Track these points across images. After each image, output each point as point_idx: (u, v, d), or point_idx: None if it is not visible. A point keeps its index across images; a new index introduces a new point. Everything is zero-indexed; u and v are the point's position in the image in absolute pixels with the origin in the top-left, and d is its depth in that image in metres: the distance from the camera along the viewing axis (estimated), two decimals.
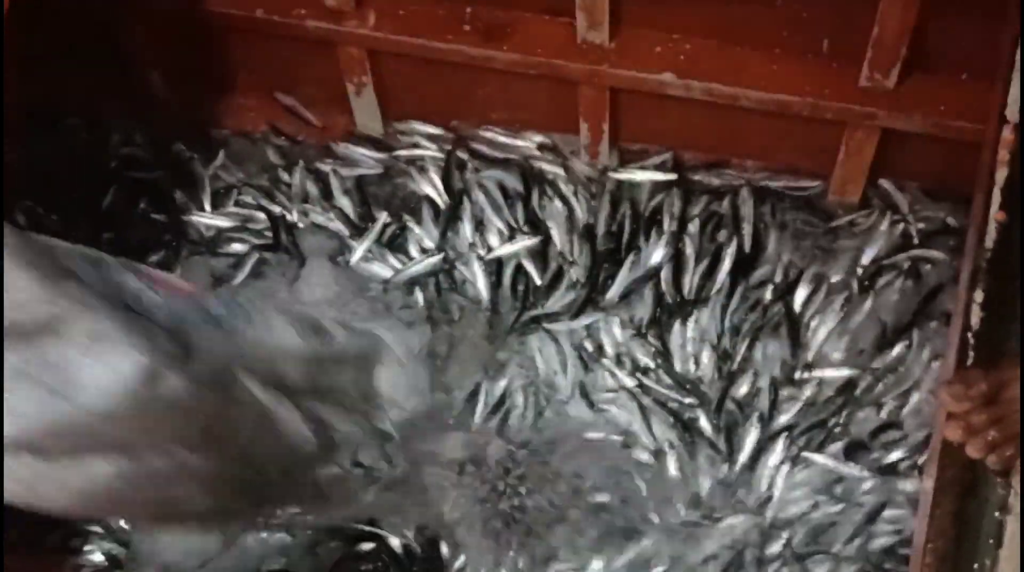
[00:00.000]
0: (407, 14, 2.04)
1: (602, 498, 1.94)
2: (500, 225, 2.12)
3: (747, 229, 2.05)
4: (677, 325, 2.01)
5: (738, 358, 1.97)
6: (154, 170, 2.29)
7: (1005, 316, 1.21)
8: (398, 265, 2.14)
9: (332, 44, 2.12)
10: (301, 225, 2.21)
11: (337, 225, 2.19)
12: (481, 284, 2.10)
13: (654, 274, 2.03)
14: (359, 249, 2.14)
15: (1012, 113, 1.27)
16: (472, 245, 2.12)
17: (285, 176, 2.26)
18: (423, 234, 2.15)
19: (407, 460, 1.91)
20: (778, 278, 2.02)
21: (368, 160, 2.25)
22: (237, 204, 2.25)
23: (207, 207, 2.25)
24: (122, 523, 1.92)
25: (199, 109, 2.33)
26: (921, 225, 2.03)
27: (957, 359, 1.23)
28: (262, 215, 2.22)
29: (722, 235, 2.05)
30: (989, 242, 1.21)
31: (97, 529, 1.90)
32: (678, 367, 2.00)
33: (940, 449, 1.23)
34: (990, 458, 1.13)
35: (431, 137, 2.24)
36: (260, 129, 2.33)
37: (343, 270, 2.15)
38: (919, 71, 1.84)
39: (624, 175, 2.11)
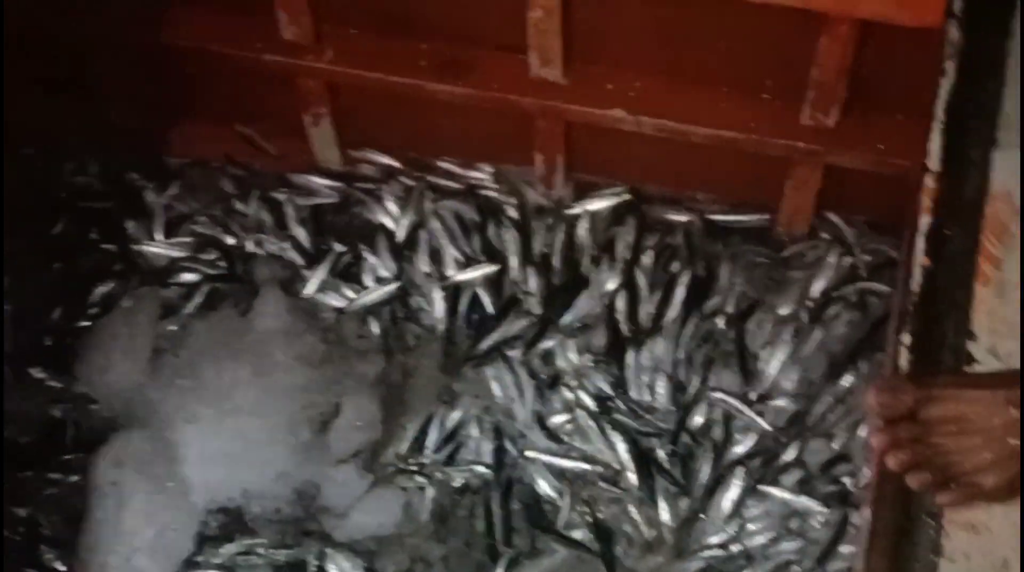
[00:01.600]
0: (364, 49, 2.15)
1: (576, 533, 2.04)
2: (456, 254, 2.22)
3: (699, 260, 2.17)
4: (632, 354, 2.12)
5: (692, 389, 2.09)
6: (107, 199, 2.36)
7: (931, 358, 1.32)
8: (352, 294, 2.23)
9: (290, 77, 2.22)
10: (255, 255, 2.29)
11: (292, 254, 2.28)
12: (437, 312, 2.20)
13: (609, 303, 2.14)
14: (313, 279, 2.23)
15: (933, 163, 1.40)
16: (428, 274, 2.22)
17: (240, 205, 2.35)
18: (378, 263, 2.25)
19: None
20: (730, 308, 2.15)
21: (324, 189, 2.35)
22: (190, 234, 2.32)
23: (159, 236, 2.32)
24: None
25: (155, 139, 2.41)
26: (867, 258, 2.17)
27: None
28: (215, 245, 2.30)
29: (675, 266, 2.17)
30: (915, 286, 1.33)
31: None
32: (634, 396, 2.11)
33: (875, 492, 1.32)
34: (909, 477, 1.21)
35: (389, 168, 2.34)
36: (216, 159, 2.41)
37: (296, 300, 2.24)
38: (858, 110, 1.98)
39: (579, 205, 2.23)
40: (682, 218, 2.23)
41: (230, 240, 2.31)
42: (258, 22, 2.13)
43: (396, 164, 2.34)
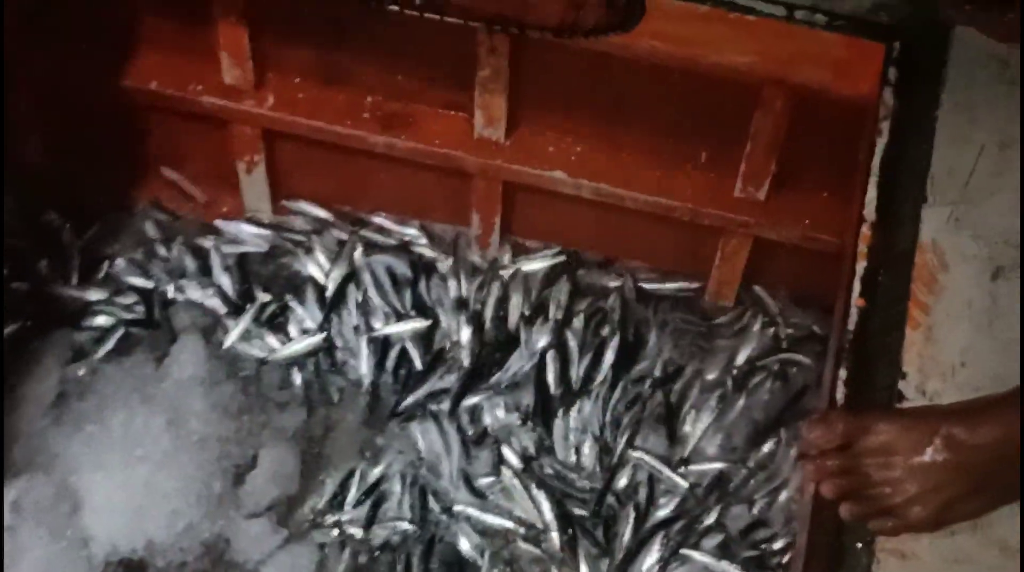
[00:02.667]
0: (307, 97, 2.24)
1: None
2: (386, 309, 2.29)
3: (629, 325, 2.29)
4: (560, 415, 2.21)
5: (618, 451, 2.17)
6: (21, 237, 2.34)
7: (864, 392, 1.45)
8: (276, 345, 2.27)
9: (226, 122, 2.29)
10: (176, 301, 2.31)
11: (214, 302, 2.31)
12: (363, 366, 2.25)
13: (539, 363, 2.23)
14: (236, 327, 2.26)
15: (868, 213, 1.57)
16: (356, 327, 2.28)
17: (163, 250, 2.38)
18: (305, 315, 2.30)
19: None
20: (658, 373, 2.26)
21: (253, 238, 2.39)
22: (107, 277, 2.34)
23: (74, 279, 2.33)
24: None
25: (78, 179, 2.43)
26: (790, 330, 2.32)
27: None
28: (133, 289, 2.32)
29: (606, 330, 2.28)
30: (851, 325, 1.47)
31: None
32: (561, 456, 2.19)
33: (810, 519, 1.41)
34: (842, 508, 1.31)
35: (321, 220, 2.41)
36: (141, 203, 2.45)
37: (216, 348, 2.26)
38: (787, 186, 2.15)
39: (513, 265, 2.34)
40: (614, 283, 2.35)
41: (150, 285, 2.33)
42: (198, 64, 2.21)
43: (329, 217, 2.42)
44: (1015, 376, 1.36)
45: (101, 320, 2.31)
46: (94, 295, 2.32)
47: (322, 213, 2.42)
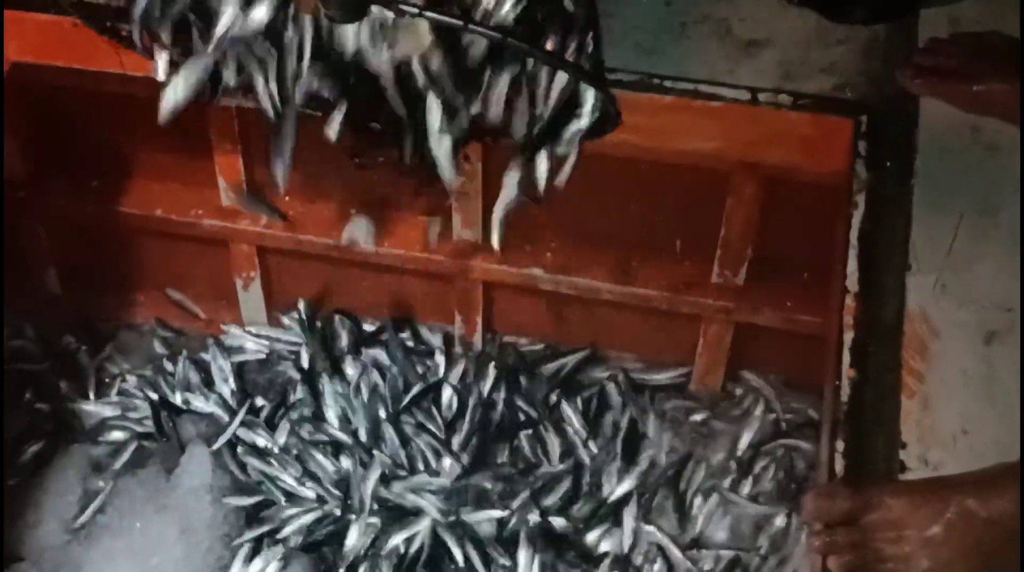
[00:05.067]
0: (296, 215, 2.03)
1: None
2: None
3: (625, 417, 2.02)
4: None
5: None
6: (42, 362, 2.21)
7: (863, 464, 1.20)
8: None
9: (224, 241, 2.09)
10: (182, 412, 2.11)
11: (218, 411, 2.09)
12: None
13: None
14: (225, 433, 2.03)
15: (851, 284, 1.33)
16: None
17: (169, 366, 2.19)
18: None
19: None
20: (662, 460, 1.98)
21: (250, 348, 2.19)
22: (120, 393, 2.17)
23: (91, 396, 2.17)
24: None
25: (91, 304, 2.27)
26: (788, 416, 2.02)
27: None
28: (144, 403, 2.12)
29: (606, 420, 2.02)
30: (844, 396, 1.23)
31: None
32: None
33: None
34: None
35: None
36: (148, 322, 2.28)
37: (221, 457, 2.02)
38: (766, 269, 1.88)
39: (497, 362, 2.07)
40: (605, 374, 2.09)
41: (158, 398, 2.12)
42: (197, 190, 2.04)
43: (318, 324, 2.17)
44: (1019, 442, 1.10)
45: (116, 434, 2.11)
46: (108, 411, 2.14)
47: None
